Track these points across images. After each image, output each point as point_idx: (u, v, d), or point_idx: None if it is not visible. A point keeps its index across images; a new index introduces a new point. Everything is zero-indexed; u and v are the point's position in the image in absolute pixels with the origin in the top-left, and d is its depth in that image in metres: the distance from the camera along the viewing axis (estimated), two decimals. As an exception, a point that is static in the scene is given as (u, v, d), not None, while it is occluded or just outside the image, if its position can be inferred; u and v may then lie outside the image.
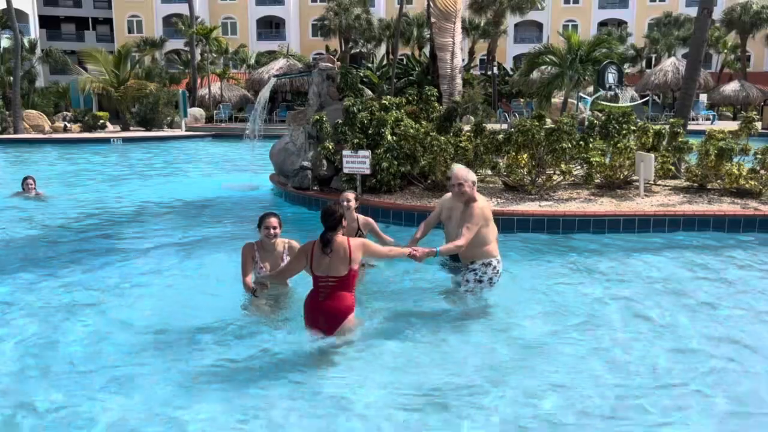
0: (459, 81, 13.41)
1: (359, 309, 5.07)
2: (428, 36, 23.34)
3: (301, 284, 5.42)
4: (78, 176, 16.71)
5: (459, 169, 5.65)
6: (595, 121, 11.01)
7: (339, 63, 13.01)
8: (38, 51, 43.83)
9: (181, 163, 20.36)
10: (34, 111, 31.79)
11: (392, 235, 6.81)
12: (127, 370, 4.61)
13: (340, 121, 10.94)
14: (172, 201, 12.12)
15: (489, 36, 43.11)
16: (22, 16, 50.75)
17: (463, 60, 29.89)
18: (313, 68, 12.57)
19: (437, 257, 5.63)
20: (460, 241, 5.33)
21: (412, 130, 10.39)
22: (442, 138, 10.17)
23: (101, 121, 31.38)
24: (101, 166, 19.42)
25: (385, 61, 42.61)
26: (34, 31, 53.91)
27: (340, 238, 4.72)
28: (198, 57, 41.02)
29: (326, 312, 4.73)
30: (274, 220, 5.64)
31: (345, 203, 6.13)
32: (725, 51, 45.32)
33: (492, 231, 5.61)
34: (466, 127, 11.39)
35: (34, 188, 12.30)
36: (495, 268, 5.63)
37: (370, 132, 10.66)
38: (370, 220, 6.55)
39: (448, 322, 5.40)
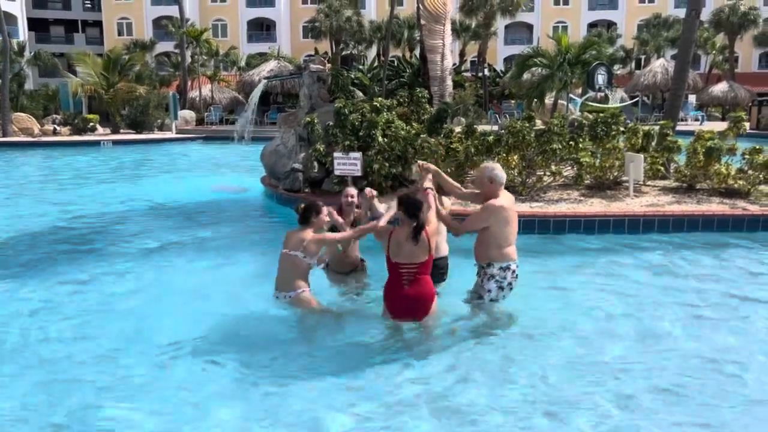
0: (449, 83, 13.42)
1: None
2: (419, 38, 23.36)
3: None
4: (67, 179, 16.62)
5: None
6: (584, 122, 11.07)
7: (330, 65, 13.01)
8: (27, 54, 43.57)
9: (171, 166, 20.28)
10: (23, 114, 31.56)
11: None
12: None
13: (331, 123, 10.94)
14: (162, 203, 12.08)
15: (479, 38, 43.17)
16: (10, 18, 50.39)
17: (453, 62, 29.93)
18: (303, 70, 12.57)
19: None
20: (456, 225, 5.28)
21: (402, 132, 10.40)
22: (433, 140, 10.19)
23: (91, 124, 31.19)
24: (91, 168, 19.31)
25: (376, 63, 42.62)
26: (23, 33, 53.57)
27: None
28: (188, 59, 40.87)
29: (414, 299, 4.81)
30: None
31: (349, 198, 6.12)
32: (714, 52, 45.61)
33: (512, 233, 5.23)
34: (457, 129, 11.42)
35: None
36: (514, 272, 5.27)
37: (361, 134, 10.66)
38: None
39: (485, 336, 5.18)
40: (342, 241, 5.65)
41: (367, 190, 5.84)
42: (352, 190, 6.20)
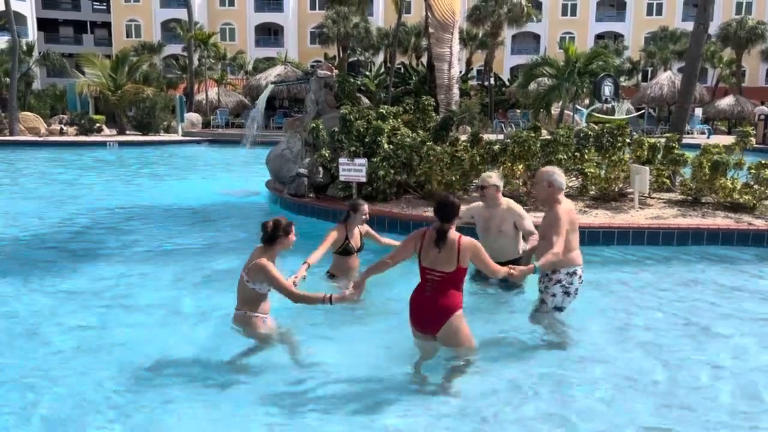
0: (456, 91, 13.48)
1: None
2: (426, 45, 23.38)
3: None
4: (72, 179, 16.66)
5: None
6: (590, 132, 11.06)
7: (337, 71, 13.04)
8: (36, 53, 43.78)
9: (177, 168, 20.32)
10: (30, 113, 31.67)
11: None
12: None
13: (336, 129, 10.96)
14: (168, 206, 12.10)
15: (486, 47, 43.28)
16: (20, 18, 50.66)
17: (460, 71, 30.01)
18: (310, 76, 12.61)
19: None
20: (556, 248, 4.78)
21: (408, 139, 10.42)
22: (438, 147, 10.20)
23: (97, 125, 31.28)
24: (96, 169, 19.36)
25: (382, 70, 42.70)
26: (32, 33, 53.87)
27: (453, 233, 4.36)
28: (196, 62, 41.02)
29: (428, 307, 4.39)
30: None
31: (363, 216, 6.28)
32: (721, 66, 45.60)
33: (576, 237, 5.13)
34: (463, 137, 11.43)
35: None
36: (580, 277, 5.17)
37: (366, 140, 10.69)
38: (365, 226, 6.61)
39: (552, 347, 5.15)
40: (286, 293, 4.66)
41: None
42: (366, 208, 6.31)
